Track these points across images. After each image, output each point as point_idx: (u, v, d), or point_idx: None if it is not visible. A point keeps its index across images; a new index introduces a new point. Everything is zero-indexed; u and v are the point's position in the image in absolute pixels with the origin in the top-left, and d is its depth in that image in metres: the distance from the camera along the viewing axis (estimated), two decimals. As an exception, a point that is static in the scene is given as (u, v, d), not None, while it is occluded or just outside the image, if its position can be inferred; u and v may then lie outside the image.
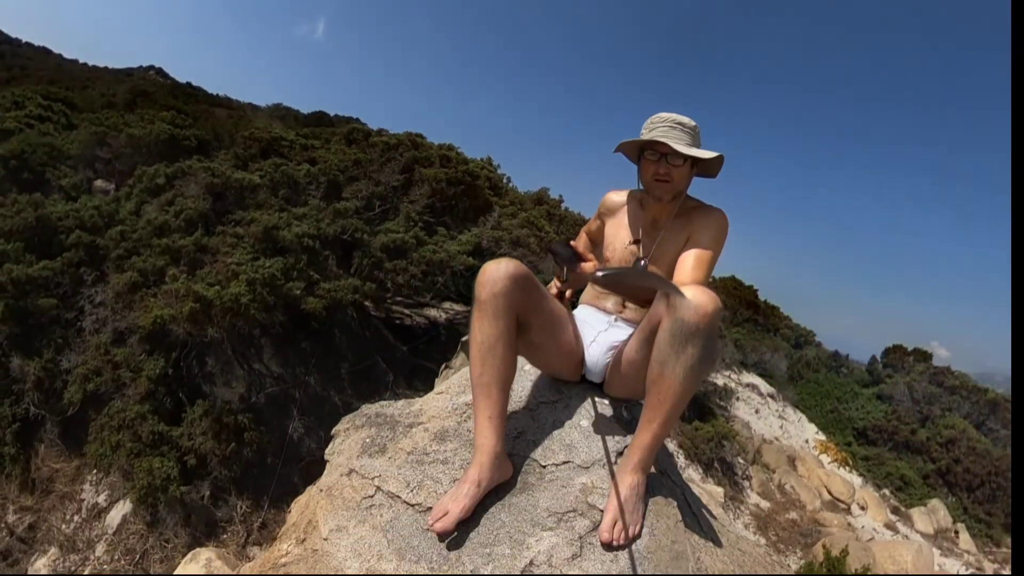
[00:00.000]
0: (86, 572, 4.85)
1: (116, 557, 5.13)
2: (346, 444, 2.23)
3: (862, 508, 8.81)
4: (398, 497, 1.79)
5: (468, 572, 1.56)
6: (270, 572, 1.83)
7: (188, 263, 5.77)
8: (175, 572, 5.11)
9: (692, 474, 7.78)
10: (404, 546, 1.62)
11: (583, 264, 1.69)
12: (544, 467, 1.86)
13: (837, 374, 13.85)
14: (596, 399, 2.09)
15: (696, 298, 1.55)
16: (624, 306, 2.11)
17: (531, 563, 1.56)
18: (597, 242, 2.32)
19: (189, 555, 5.17)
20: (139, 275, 5.45)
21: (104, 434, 5.07)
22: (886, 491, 10.19)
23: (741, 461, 8.37)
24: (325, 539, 1.75)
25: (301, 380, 6.71)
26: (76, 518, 5.17)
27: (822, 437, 10.85)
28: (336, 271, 6.72)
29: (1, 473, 5.05)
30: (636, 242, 2.09)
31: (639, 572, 1.58)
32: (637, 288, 1.87)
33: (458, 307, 8.71)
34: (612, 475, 1.78)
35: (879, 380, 13.47)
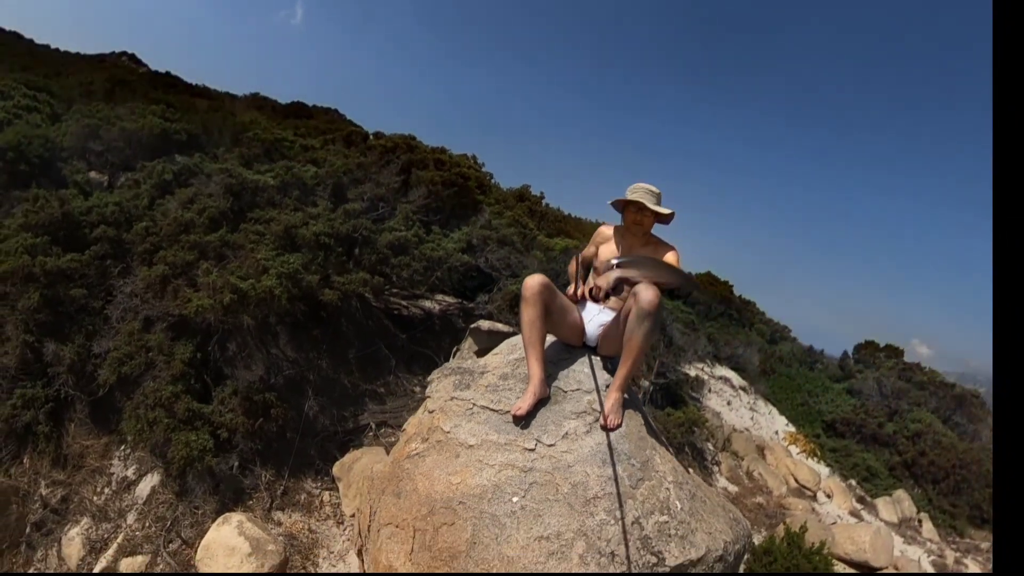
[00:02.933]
0: (116, 541, 5.38)
1: (147, 524, 5.68)
2: (441, 385, 3.51)
3: (828, 496, 9.81)
4: (487, 407, 3.19)
5: (531, 445, 2.96)
6: (405, 463, 3.01)
7: (215, 257, 6.33)
8: (207, 533, 5.73)
9: (662, 456, 8.75)
10: (498, 427, 3.04)
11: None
12: (565, 392, 3.29)
13: (810, 369, 14.91)
14: (591, 356, 3.49)
15: (649, 292, 2.90)
16: (608, 300, 3.46)
17: (566, 433, 3.02)
18: (590, 262, 3.68)
19: (220, 518, 5.78)
20: (169, 268, 5.98)
21: (140, 411, 5.61)
22: (852, 481, 11.11)
23: (711, 447, 9.36)
24: (447, 432, 3.09)
25: (314, 363, 7.33)
26: (107, 490, 5.69)
27: (792, 429, 11.78)
28: (347, 265, 7.39)
29: (34, 450, 5.51)
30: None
31: (620, 444, 3.00)
32: (628, 274, 3.15)
33: (450, 299, 9.42)
34: (600, 396, 3.20)
35: (850, 375, 14.55)
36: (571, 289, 3.47)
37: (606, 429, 2.97)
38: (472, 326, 6.44)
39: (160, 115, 11.37)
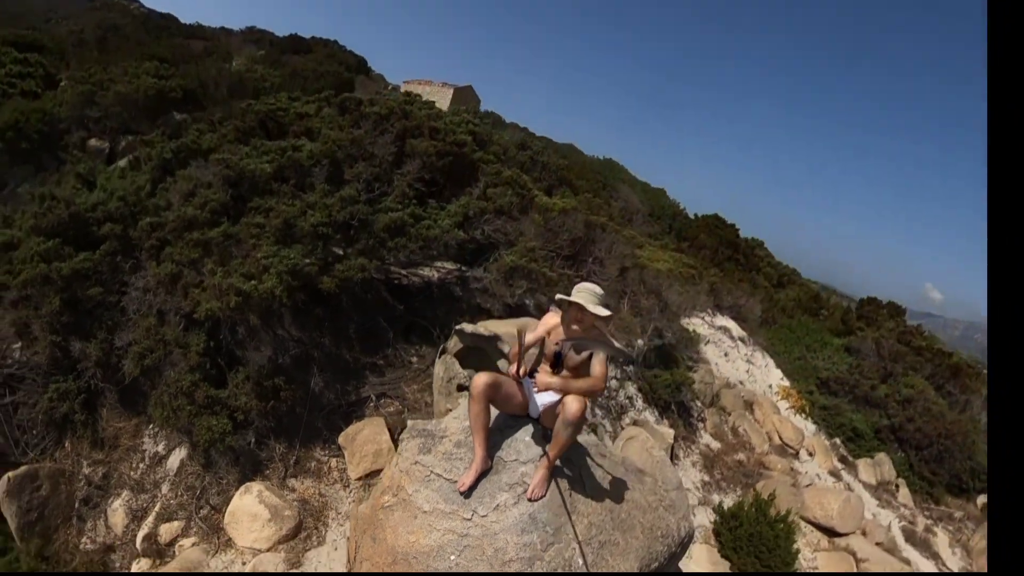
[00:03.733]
0: (155, 510, 6.28)
1: (179, 493, 6.58)
2: (409, 446, 4.27)
3: (810, 454, 10.38)
4: (440, 475, 3.95)
5: (468, 515, 3.70)
6: (380, 513, 3.77)
7: (219, 252, 6.81)
8: (232, 501, 6.62)
9: (648, 416, 9.44)
10: (447, 496, 3.81)
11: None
12: (505, 462, 4.05)
13: (816, 317, 15.12)
14: (533, 425, 4.27)
15: (574, 406, 3.62)
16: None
17: (497, 505, 3.76)
18: (532, 346, 4.12)
19: (242, 488, 6.67)
20: (176, 266, 6.51)
21: (164, 399, 6.35)
22: (837, 440, 11.56)
23: (698, 404, 10.03)
24: (410, 494, 3.90)
25: (317, 341, 7.97)
26: (141, 465, 6.56)
27: (786, 383, 12.19)
28: (345, 251, 7.84)
29: (74, 435, 6.32)
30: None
31: (540, 513, 3.76)
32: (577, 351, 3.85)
33: (449, 266, 9.87)
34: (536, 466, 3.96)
35: (851, 331, 14.77)
36: (512, 370, 4.00)
37: (530, 500, 3.86)
38: (456, 328, 6.97)
39: (153, 74, 11.47)
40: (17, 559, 5.43)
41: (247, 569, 6.11)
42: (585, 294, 3.85)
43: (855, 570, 7.84)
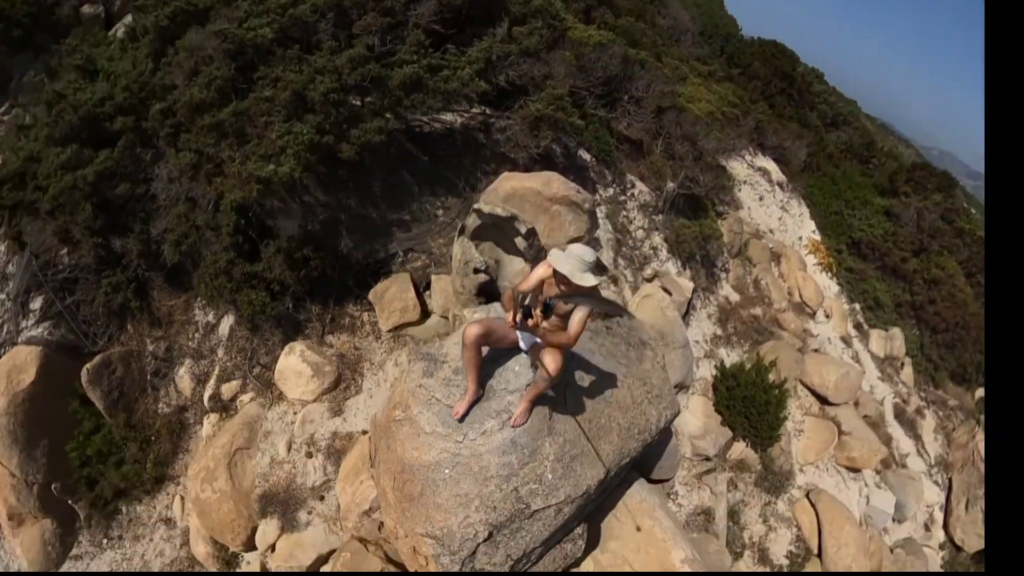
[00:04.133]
0: (215, 372, 7.30)
1: (233, 356, 7.57)
2: (414, 368, 4.95)
3: (827, 316, 10.54)
4: (440, 400, 4.66)
5: (460, 439, 4.53)
6: (392, 425, 4.65)
7: (234, 134, 6.73)
8: (279, 361, 7.58)
9: (670, 267, 9.65)
10: (444, 420, 4.62)
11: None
12: (496, 390, 4.76)
13: (865, 165, 13.81)
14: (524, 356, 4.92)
15: (551, 365, 4.16)
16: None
17: (484, 431, 4.58)
18: (526, 294, 4.32)
19: (287, 348, 7.59)
20: (194, 155, 6.54)
21: (206, 279, 6.95)
22: (857, 306, 11.51)
23: (724, 254, 10.05)
24: (415, 414, 4.63)
25: (343, 204, 8.17)
26: (196, 335, 7.45)
27: (817, 237, 11.89)
28: (360, 111, 7.54)
29: (133, 319, 7.14)
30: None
31: (520, 438, 4.57)
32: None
33: (473, 109, 9.36)
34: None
35: (896, 193, 13.63)
36: (508, 318, 4.16)
37: (514, 426, 4.58)
38: (474, 207, 6.98)
39: None
40: (110, 431, 6.67)
41: (298, 418, 7.29)
42: (573, 262, 3.96)
43: (837, 438, 8.73)
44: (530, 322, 3.96)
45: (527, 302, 4.11)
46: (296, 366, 7.39)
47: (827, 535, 7.71)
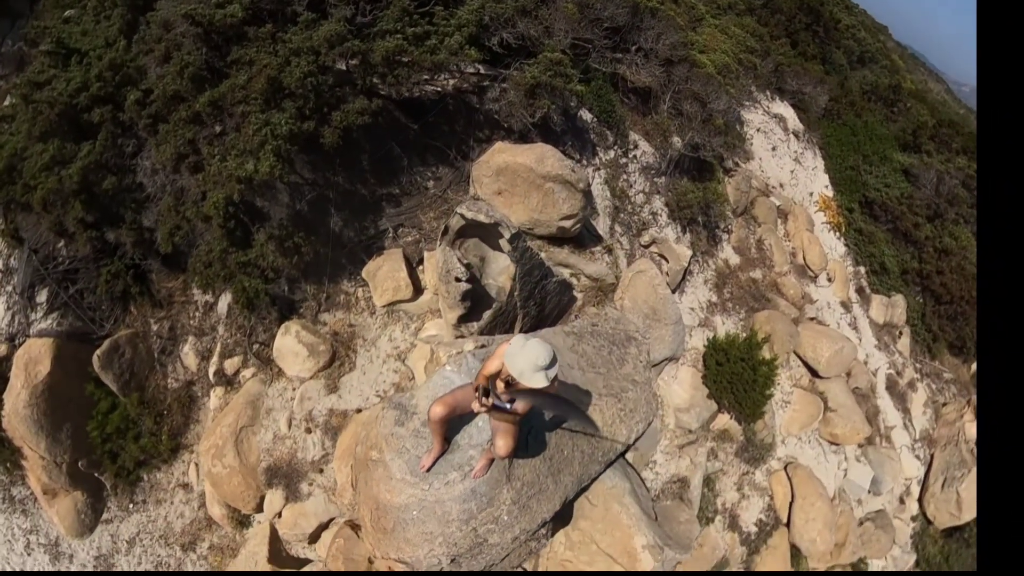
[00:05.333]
0: (217, 349, 7.84)
1: (233, 333, 8.06)
2: (387, 416, 5.44)
3: (829, 280, 10.44)
4: (410, 451, 5.23)
5: (426, 487, 5.10)
6: (369, 463, 5.25)
7: (212, 123, 6.79)
8: (276, 340, 8.06)
9: (669, 233, 9.58)
10: (412, 470, 5.20)
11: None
12: (459, 444, 5.34)
13: (891, 109, 12.75)
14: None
15: (501, 448, 4.66)
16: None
17: (448, 481, 5.14)
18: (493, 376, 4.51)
19: (282, 328, 8.06)
20: (175, 148, 6.65)
21: (199, 268, 7.28)
22: (862, 269, 11.27)
23: (728, 215, 9.84)
24: (388, 460, 5.32)
25: (331, 181, 8.25)
26: (196, 314, 7.93)
27: (829, 193, 11.52)
28: (342, 91, 7.40)
29: (135, 303, 7.60)
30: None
31: (479, 488, 5.17)
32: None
33: (468, 71, 8.96)
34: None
35: (918, 149, 12.76)
36: (475, 406, 4.45)
37: (475, 479, 5.16)
38: (457, 210, 7.01)
39: None
40: (126, 409, 7.36)
41: (297, 395, 7.89)
42: (524, 363, 4.10)
43: (822, 414, 9.01)
44: (475, 406, 4.34)
45: (480, 393, 4.38)
46: (292, 346, 7.88)
47: (797, 508, 8.30)
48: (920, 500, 10.17)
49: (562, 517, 6.54)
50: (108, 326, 7.42)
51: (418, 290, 8.15)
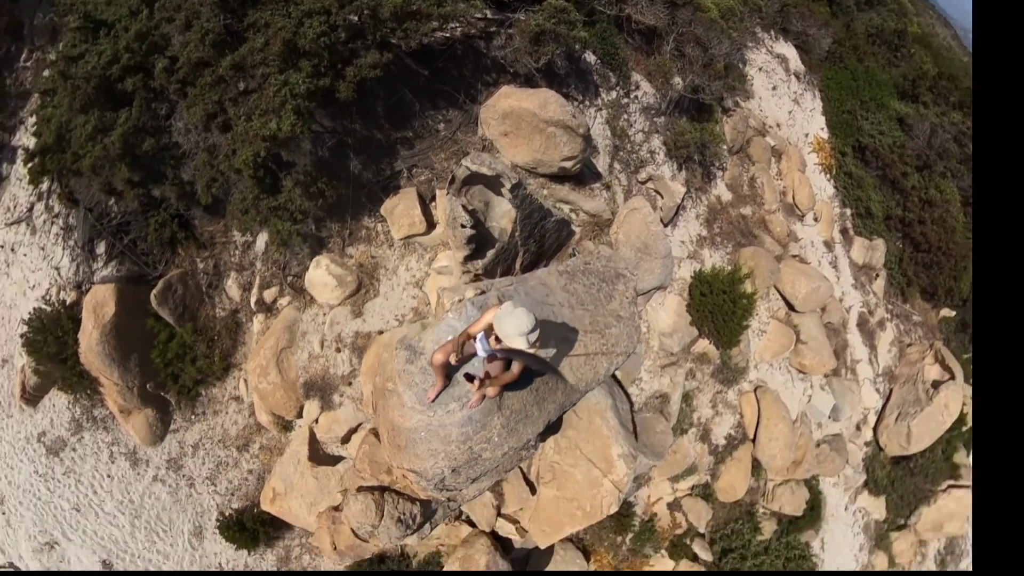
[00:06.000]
0: (256, 281, 8.49)
1: (270, 267, 8.64)
2: (400, 355, 5.95)
3: (815, 220, 10.38)
4: (418, 384, 5.83)
5: (432, 414, 5.76)
6: (386, 392, 5.89)
7: (235, 83, 7.05)
8: (308, 272, 8.67)
9: (666, 171, 9.66)
10: (420, 400, 5.81)
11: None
12: (459, 380, 5.78)
13: (894, 53, 11.89)
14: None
15: (490, 391, 5.42)
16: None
17: (449, 410, 5.78)
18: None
19: (313, 261, 8.62)
20: (204, 110, 6.97)
21: (236, 214, 7.77)
22: (848, 211, 11.19)
23: (724, 153, 9.79)
24: (401, 392, 5.97)
25: (349, 128, 8.46)
26: (236, 252, 8.47)
27: (824, 135, 11.21)
28: (354, 46, 7.48)
29: (182, 246, 8.19)
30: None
31: (475, 415, 5.78)
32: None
33: (476, 15, 8.77)
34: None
35: (916, 99, 12.06)
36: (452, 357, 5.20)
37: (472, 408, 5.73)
38: (463, 161, 7.27)
39: None
40: (182, 337, 8.12)
41: (327, 320, 8.62)
42: (511, 327, 4.57)
43: (794, 344, 9.44)
44: (470, 387, 5.05)
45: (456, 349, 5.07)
46: (322, 278, 8.44)
47: (763, 427, 8.97)
48: (875, 429, 10.70)
49: (552, 427, 7.37)
50: (160, 268, 8.01)
51: (431, 225, 8.51)
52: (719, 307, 9.05)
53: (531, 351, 4.82)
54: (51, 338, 7.83)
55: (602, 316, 7.51)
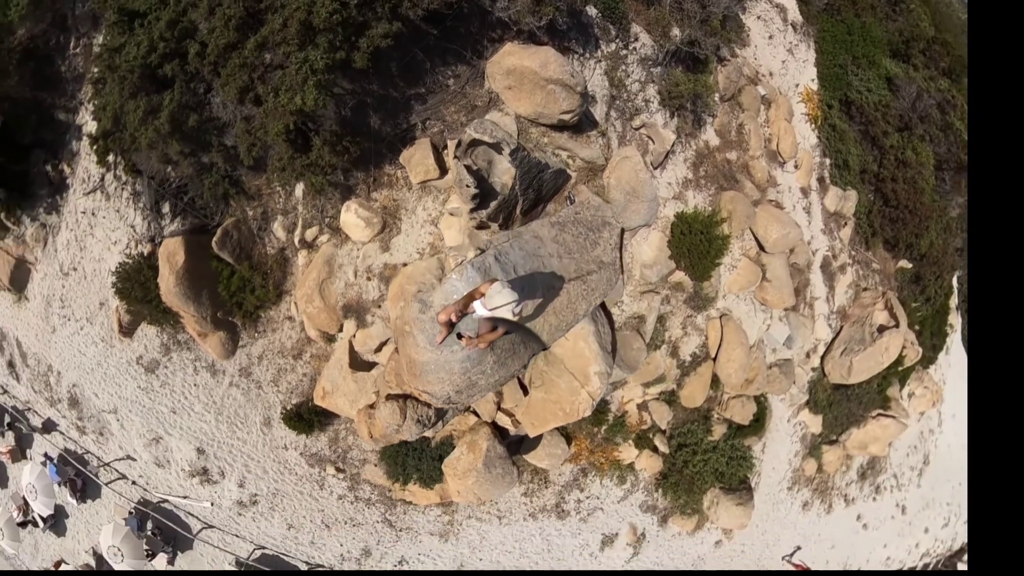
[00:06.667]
0: (299, 224, 9.56)
1: (309, 209, 9.58)
2: (413, 306, 7.44)
3: (796, 167, 10.47)
4: (428, 331, 7.40)
5: (440, 352, 7.29)
6: (403, 332, 7.59)
7: (261, 63, 7.67)
8: (341, 215, 9.67)
9: (658, 119, 9.90)
10: (430, 341, 7.42)
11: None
12: (460, 327, 6.84)
13: (894, 9, 10.84)
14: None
15: (482, 343, 6.96)
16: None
17: (452, 351, 7.28)
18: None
19: (344, 206, 9.50)
20: (236, 89, 7.66)
21: (275, 172, 8.63)
22: (827, 161, 11.19)
23: (716, 101, 9.88)
24: (415, 335, 7.73)
25: (367, 89, 8.95)
26: (280, 199, 9.32)
27: (814, 87, 10.96)
28: (365, 17, 7.84)
29: (234, 199, 9.12)
30: None
31: (472, 355, 7.27)
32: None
33: None
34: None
35: (907, 59, 11.28)
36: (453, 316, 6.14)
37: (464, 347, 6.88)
38: (467, 129, 7.91)
39: None
40: (242, 273, 9.22)
41: (360, 254, 9.73)
42: (499, 302, 5.87)
43: (760, 281, 10.12)
44: (463, 342, 6.08)
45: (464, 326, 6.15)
46: (352, 220, 9.32)
47: (723, 350, 9.99)
48: (823, 358, 11.51)
49: (543, 344, 8.66)
50: (217, 218, 8.98)
51: (444, 170, 9.11)
52: (696, 246, 9.75)
53: (515, 319, 5.98)
54: (136, 285, 9.22)
55: (586, 263, 8.44)
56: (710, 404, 10.77)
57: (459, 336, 6.33)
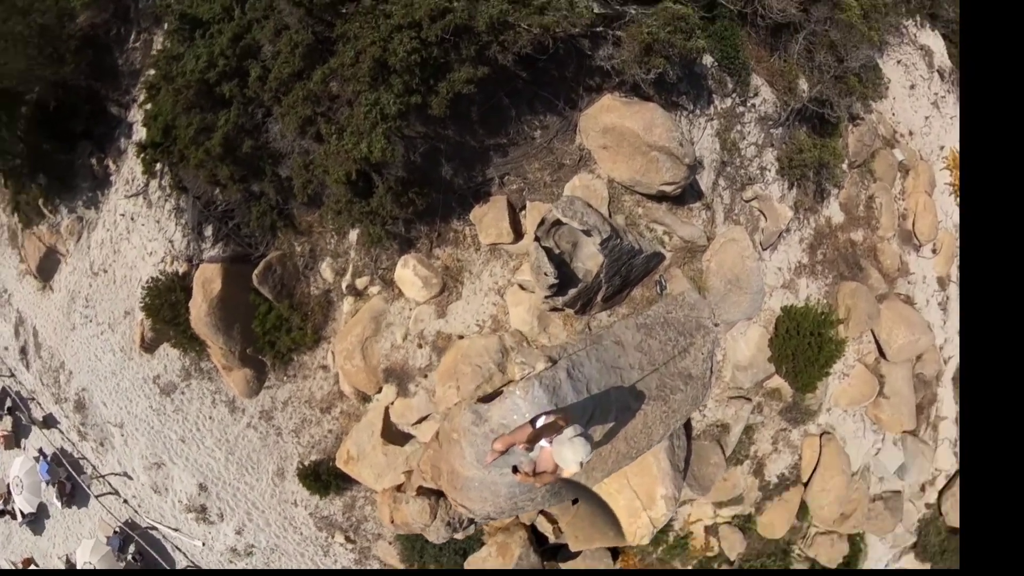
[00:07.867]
0: (349, 269, 8.33)
1: (362, 256, 8.44)
2: (466, 416, 6.08)
3: (934, 252, 8.54)
4: (479, 446, 5.97)
5: (488, 472, 5.90)
6: (451, 439, 6.02)
7: (327, 99, 6.51)
8: (396, 269, 8.35)
9: (774, 190, 8.14)
10: (479, 457, 5.90)
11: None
12: (513, 451, 5.41)
13: None
14: None
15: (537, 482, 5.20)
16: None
17: (502, 473, 5.71)
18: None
19: (401, 260, 8.33)
20: (298, 121, 6.52)
21: (331, 216, 7.57)
22: None
23: (844, 169, 7.98)
24: (463, 447, 6.10)
25: (441, 134, 7.69)
26: (332, 240, 8.34)
27: None
28: (447, 60, 6.54)
29: (282, 232, 8.16)
30: None
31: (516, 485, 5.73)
32: None
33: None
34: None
35: None
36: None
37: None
38: (554, 210, 6.49)
39: None
40: (280, 311, 8.32)
41: (412, 315, 8.39)
42: (567, 454, 4.59)
43: (875, 396, 8.11)
44: (517, 477, 4.78)
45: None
46: (409, 277, 8.11)
47: (818, 475, 8.14)
48: (940, 493, 9.44)
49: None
50: (261, 249, 8.21)
51: (519, 235, 7.89)
52: (803, 350, 8.03)
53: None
54: (166, 305, 8.48)
55: (671, 378, 6.85)
56: (792, 537, 8.85)
57: (514, 470, 4.89)
